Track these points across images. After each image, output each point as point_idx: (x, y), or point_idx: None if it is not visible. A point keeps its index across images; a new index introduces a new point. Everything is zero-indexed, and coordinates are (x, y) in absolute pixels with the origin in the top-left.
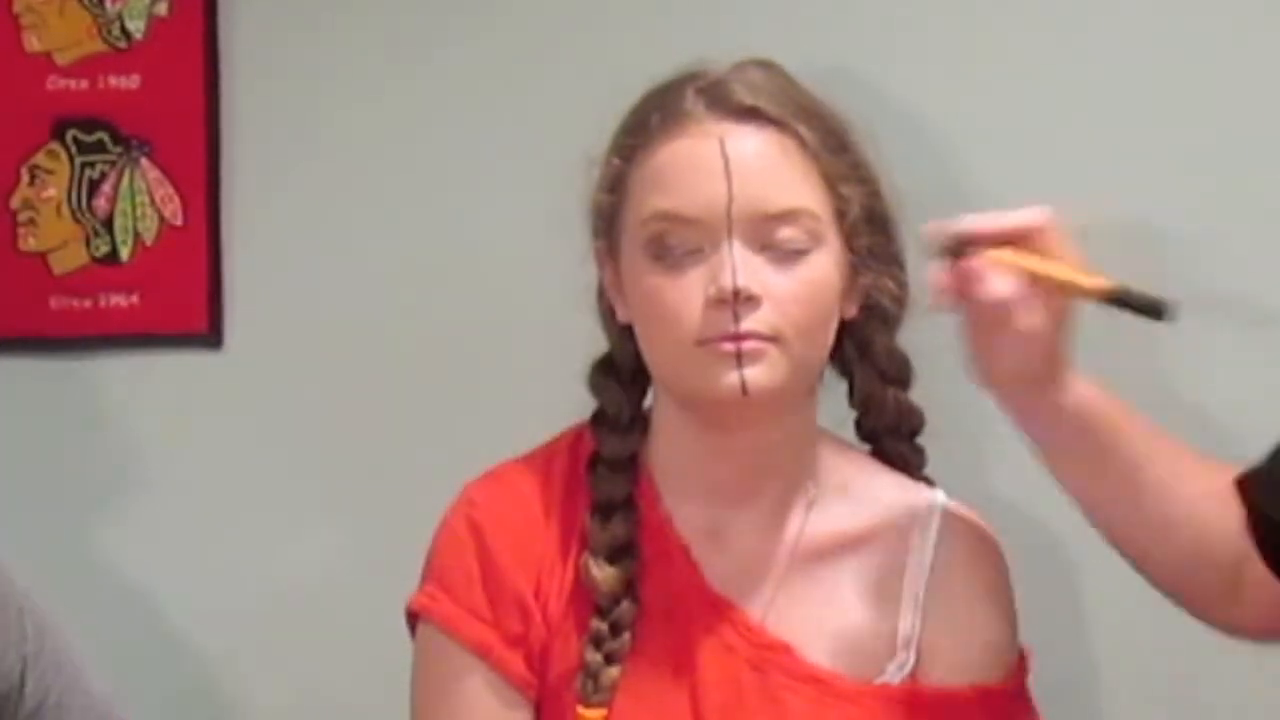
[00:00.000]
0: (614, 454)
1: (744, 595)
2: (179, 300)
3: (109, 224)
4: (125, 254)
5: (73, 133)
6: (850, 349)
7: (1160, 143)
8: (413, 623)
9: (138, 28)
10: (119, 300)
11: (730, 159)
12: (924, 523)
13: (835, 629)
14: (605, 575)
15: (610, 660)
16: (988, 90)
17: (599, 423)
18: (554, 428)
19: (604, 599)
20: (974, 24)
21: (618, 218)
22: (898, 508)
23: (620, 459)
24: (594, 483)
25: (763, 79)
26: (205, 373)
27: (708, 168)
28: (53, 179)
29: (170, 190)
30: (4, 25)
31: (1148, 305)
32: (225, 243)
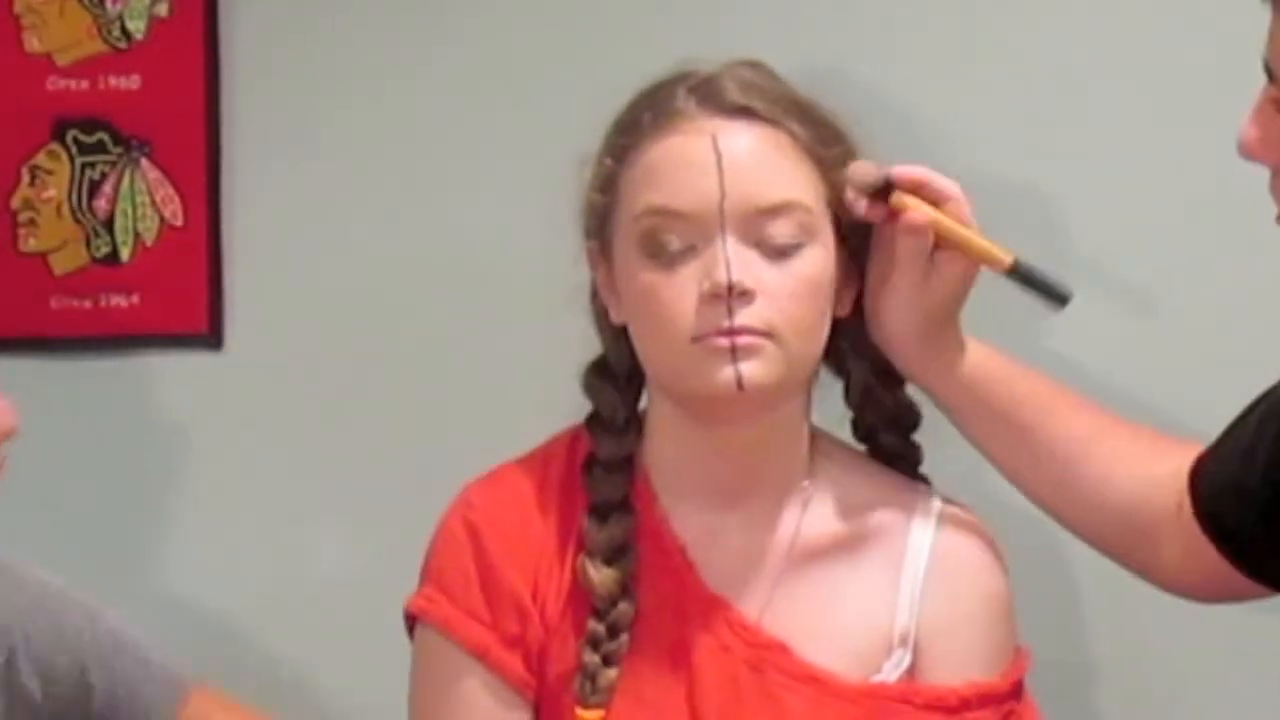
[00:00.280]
0: (610, 455)
1: (740, 594)
2: (179, 300)
3: (109, 224)
4: (125, 254)
5: (73, 133)
6: (845, 347)
7: (1156, 141)
8: (411, 625)
9: (138, 28)
10: (119, 300)
11: (722, 155)
12: (920, 520)
13: (832, 627)
14: (603, 577)
15: (608, 662)
16: (982, 89)
17: (594, 424)
18: (552, 428)
19: (601, 600)
20: (967, 23)
21: (610, 217)
22: (894, 505)
23: (616, 460)
24: (590, 484)
25: (753, 77)
26: (205, 373)
27: (700, 164)
28: (53, 179)
29: (170, 190)
30: (4, 25)
31: (1048, 288)
32: (225, 243)
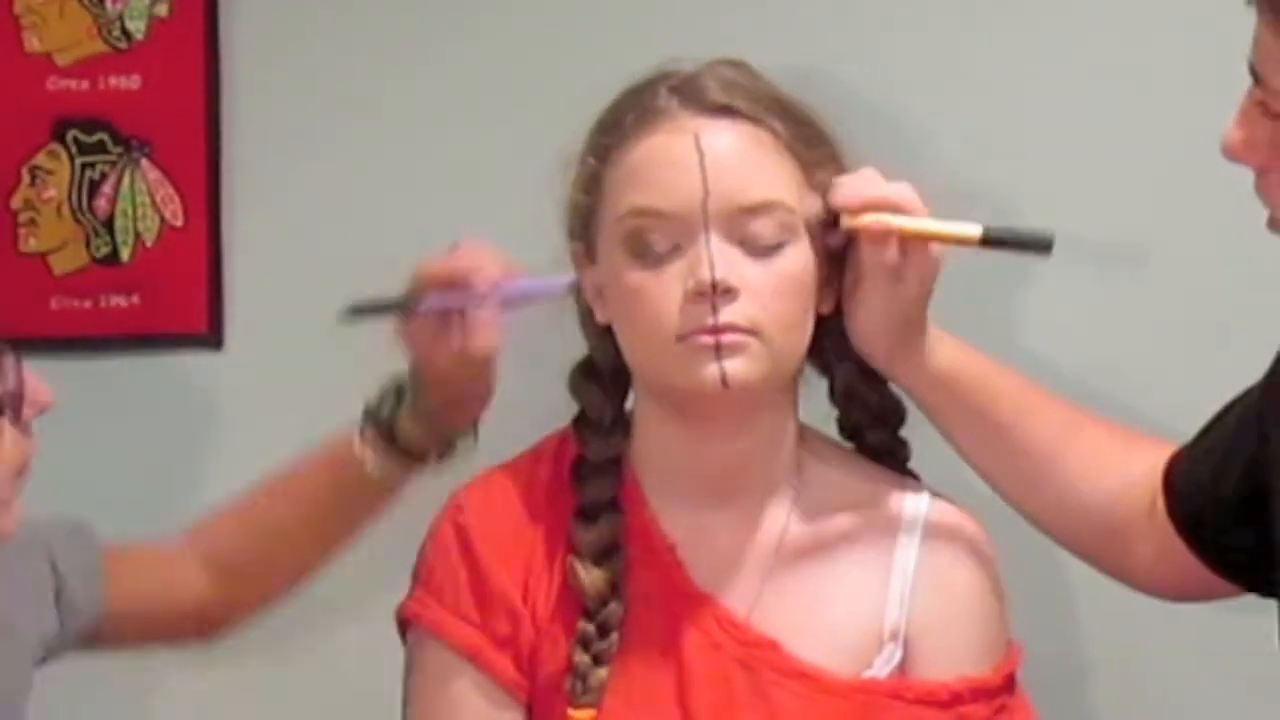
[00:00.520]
0: (597, 456)
1: (730, 593)
2: (179, 300)
3: (109, 224)
4: (125, 254)
5: (73, 133)
6: (829, 345)
7: (1148, 143)
8: (403, 629)
9: (138, 28)
10: (119, 300)
11: (705, 154)
12: (909, 516)
13: (822, 624)
14: (592, 577)
15: (598, 661)
16: (970, 90)
17: (581, 425)
18: (541, 430)
19: (591, 601)
20: (956, 24)
21: (594, 218)
22: (882, 501)
23: (603, 461)
24: (579, 485)
25: (735, 76)
26: (205, 373)
27: (683, 163)
28: (53, 179)
29: (170, 190)
30: (4, 25)
31: (1027, 241)
32: (225, 243)
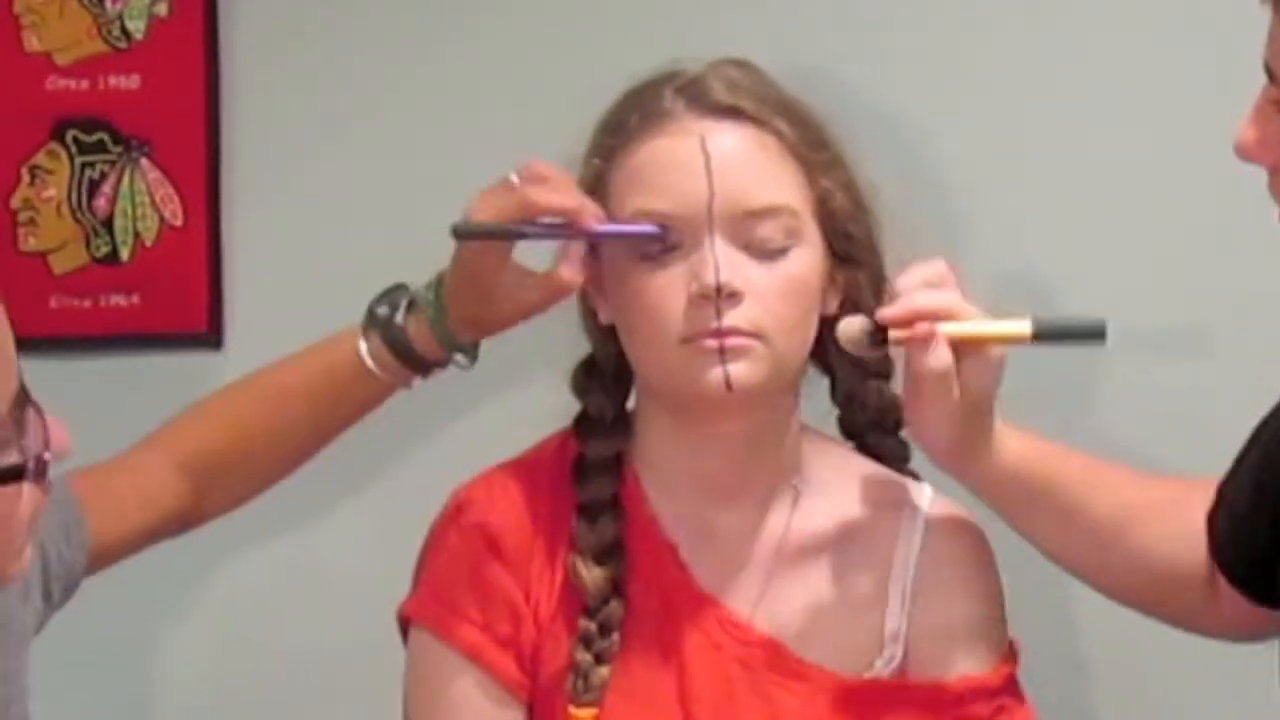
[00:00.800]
0: (599, 455)
1: (732, 593)
2: (179, 300)
3: (109, 224)
4: (125, 254)
5: (73, 133)
6: (832, 344)
7: (1152, 143)
8: (404, 628)
9: (138, 28)
10: (119, 300)
11: (710, 156)
12: (910, 516)
13: (823, 624)
14: (593, 576)
15: (600, 660)
16: (973, 91)
17: (583, 424)
18: (544, 429)
19: (592, 599)
20: (959, 25)
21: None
22: (884, 501)
23: (605, 460)
24: (580, 484)
25: (740, 76)
26: (205, 373)
27: (688, 165)
28: (53, 179)
29: (170, 190)
30: (4, 25)
31: (1079, 332)
32: (225, 243)
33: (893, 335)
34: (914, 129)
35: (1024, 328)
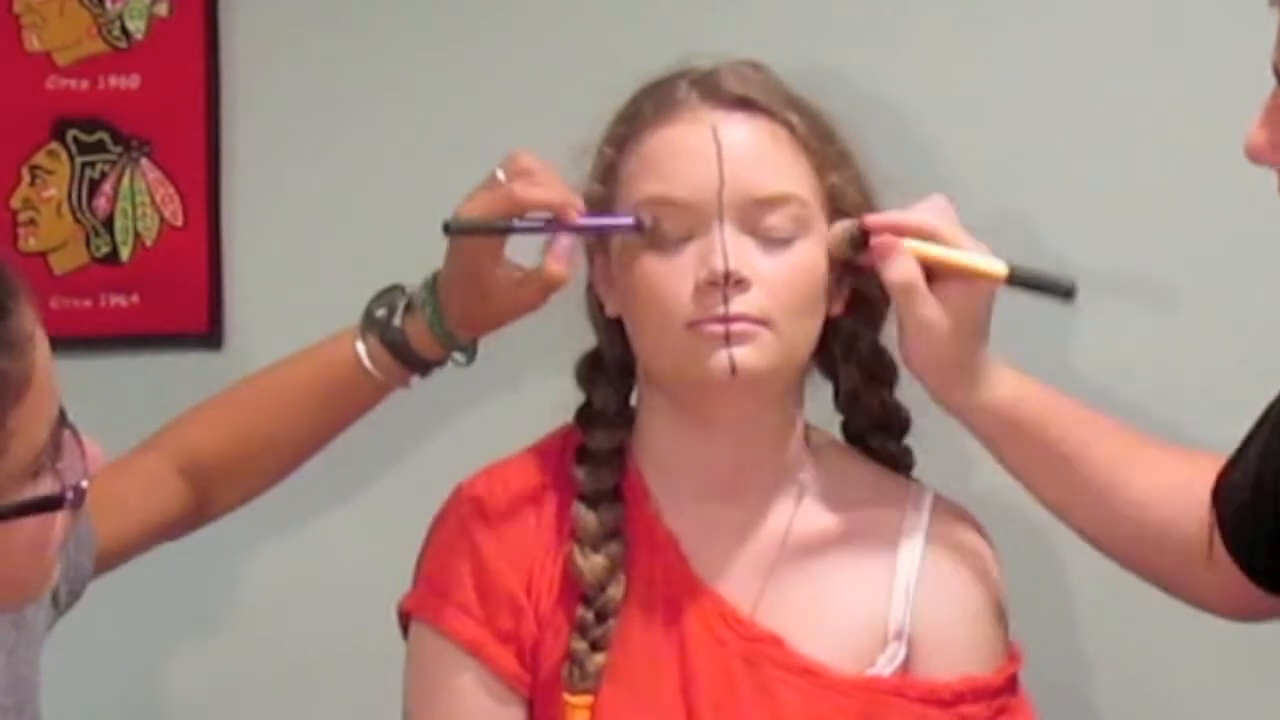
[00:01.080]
0: (600, 446)
1: (734, 588)
2: (179, 300)
3: (109, 224)
4: (125, 254)
5: (73, 133)
6: (836, 348)
7: (1160, 143)
8: (404, 623)
9: (138, 28)
10: (119, 300)
11: (722, 145)
12: (913, 516)
13: (826, 621)
14: (590, 564)
15: (595, 647)
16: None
17: (586, 416)
18: (548, 423)
19: (590, 587)
20: (967, 24)
21: (609, 207)
22: (888, 501)
23: (606, 451)
24: (580, 473)
25: (752, 72)
26: (205, 373)
27: (700, 153)
28: (53, 179)
29: (170, 190)
30: (4, 25)
31: (1052, 285)
32: (225, 243)
33: (874, 243)
34: (921, 129)
35: (998, 267)
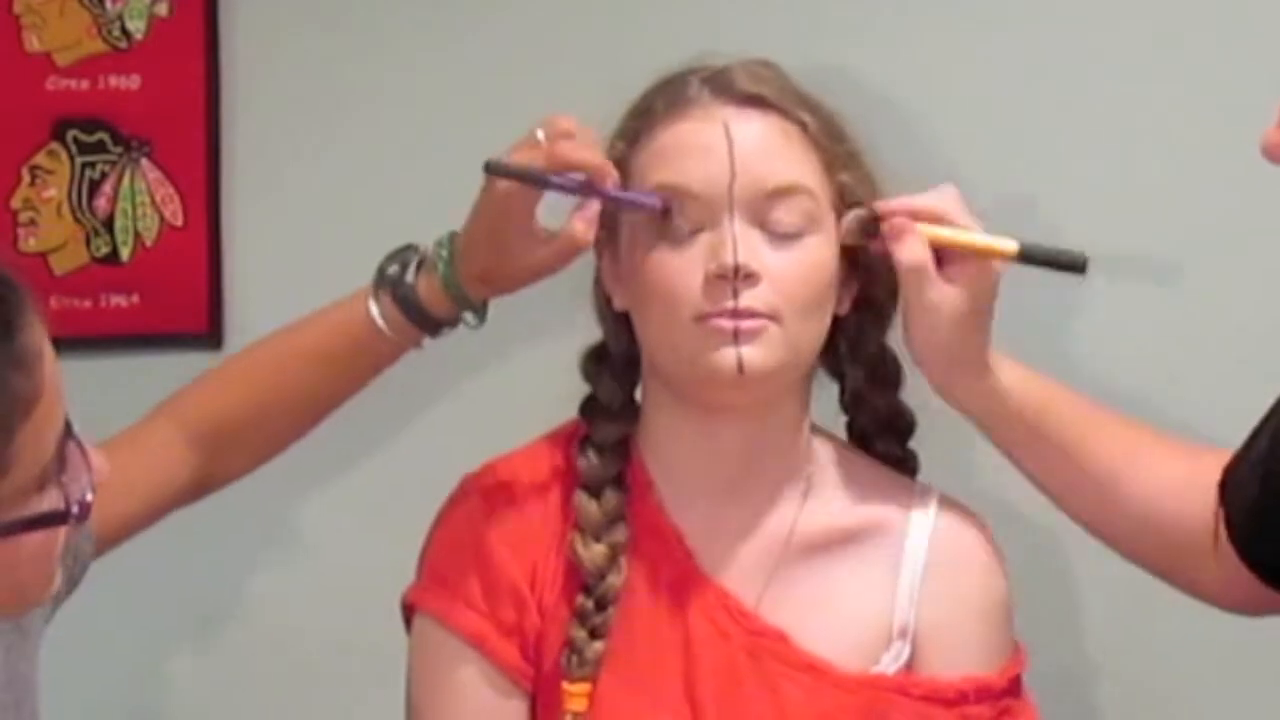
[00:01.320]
0: (604, 439)
1: (739, 583)
2: (179, 300)
3: (109, 224)
4: (125, 254)
5: (73, 133)
6: (843, 348)
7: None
8: (407, 615)
9: (138, 28)
10: (119, 300)
11: (734, 141)
12: (919, 515)
13: (831, 618)
14: (591, 553)
15: (594, 635)
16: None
17: (590, 409)
18: (552, 419)
19: (590, 575)
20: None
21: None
22: (893, 500)
23: (610, 443)
24: (582, 462)
25: (764, 70)
26: None
27: (711, 147)
28: (53, 179)
29: (170, 190)
30: (4, 25)
31: (1065, 260)
32: (225, 243)
33: (885, 228)
34: (924, 127)
35: (1009, 245)
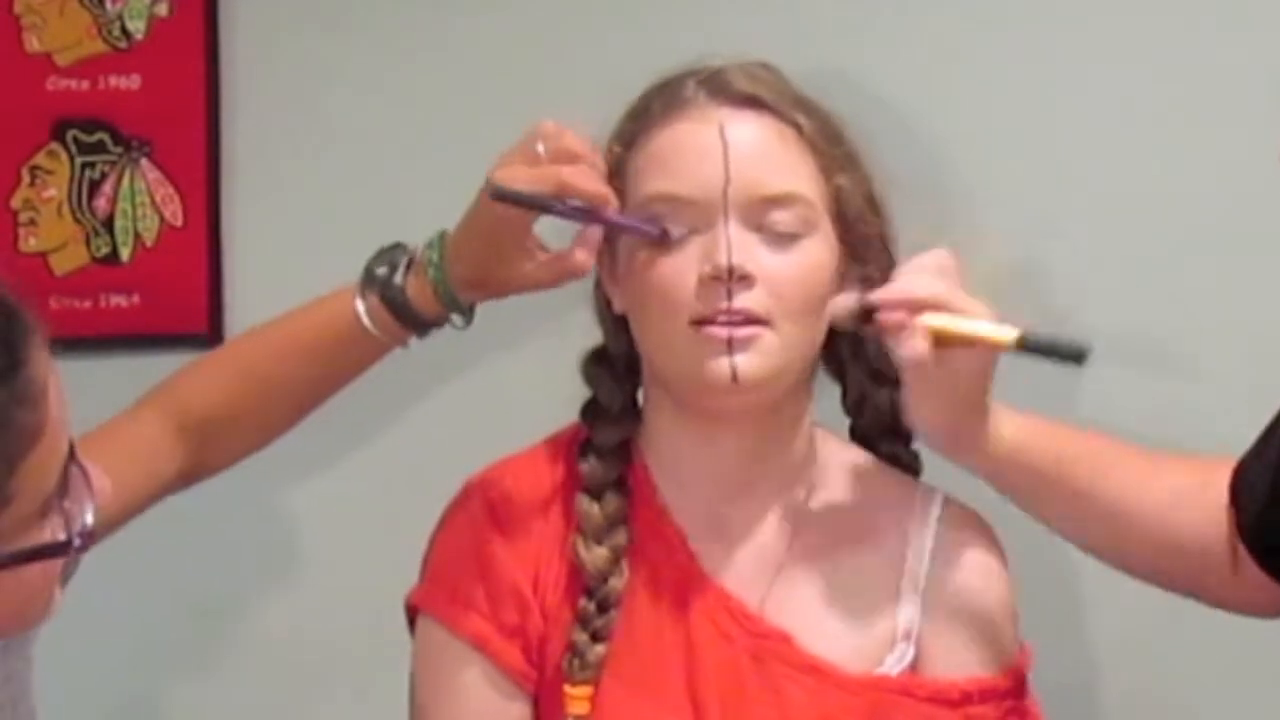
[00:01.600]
0: (605, 442)
1: (742, 585)
2: (179, 300)
3: (109, 224)
4: (125, 254)
5: (73, 133)
6: (844, 349)
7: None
8: (411, 617)
9: (138, 28)
10: (119, 300)
11: (729, 143)
12: (923, 515)
13: (834, 620)
14: (593, 556)
15: (596, 638)
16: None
17: (591, 412)
18: (554, 422)
19: (592, 578)
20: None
21: (617, 204)
22: (897, 501)
23: (611, 445)
24: (584, 465)
25: (761, 71)
26: None
27: (706, 150)
28: (53, 179)
29: (170, 190)
30: (4, 25)
31: (1062, 350)
32: (225, 243)
33: (879, 318)
34: (923, 129)
35: (1009, 335)
